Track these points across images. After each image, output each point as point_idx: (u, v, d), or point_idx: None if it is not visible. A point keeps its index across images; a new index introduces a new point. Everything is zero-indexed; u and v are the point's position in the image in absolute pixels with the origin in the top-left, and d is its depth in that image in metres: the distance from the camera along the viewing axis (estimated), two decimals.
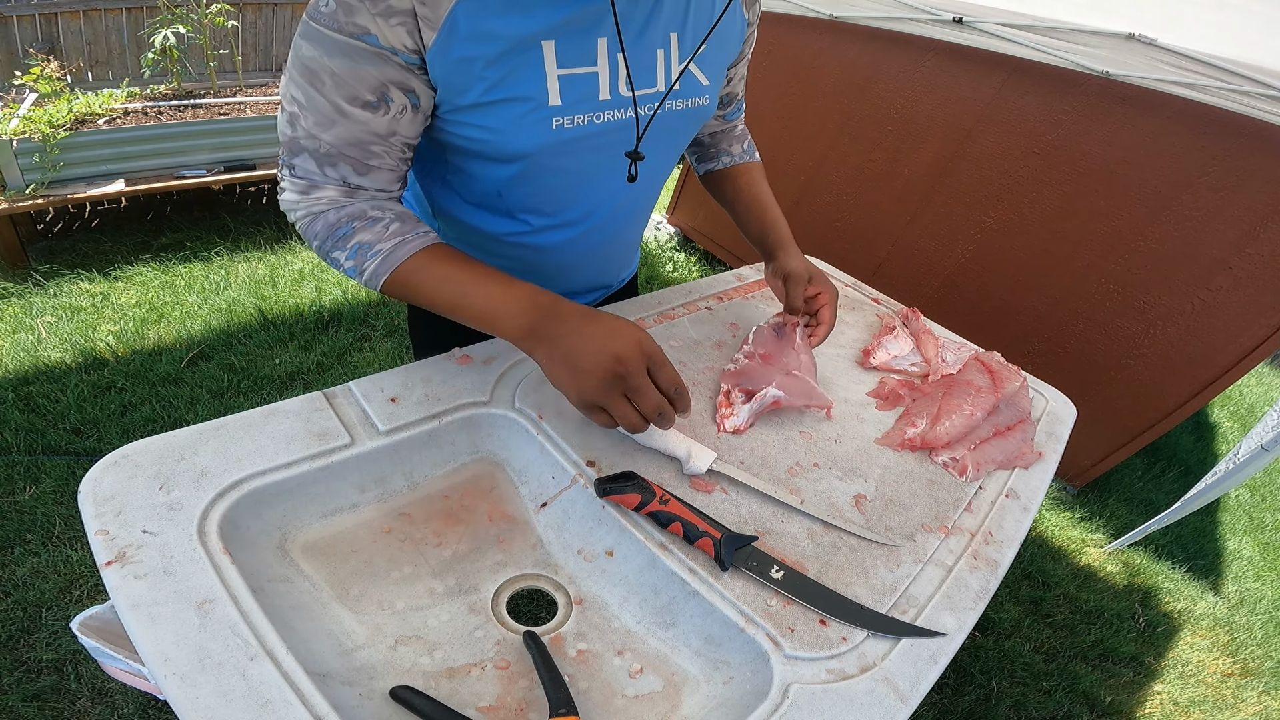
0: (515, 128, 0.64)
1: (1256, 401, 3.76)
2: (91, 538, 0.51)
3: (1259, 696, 1.84)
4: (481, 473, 0.73)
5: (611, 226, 0.85)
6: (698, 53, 0.73)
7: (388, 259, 0.65)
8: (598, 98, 0.67)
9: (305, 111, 0.60)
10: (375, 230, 0.65)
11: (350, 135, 0.61)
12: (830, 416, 0.85)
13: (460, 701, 0.54)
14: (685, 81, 0.74)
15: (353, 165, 0.64)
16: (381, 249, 0.65)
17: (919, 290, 2.49)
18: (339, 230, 0.65)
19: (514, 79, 0.62)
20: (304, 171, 0.64)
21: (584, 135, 0.68)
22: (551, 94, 0.64)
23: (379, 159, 0.64)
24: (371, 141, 0.63)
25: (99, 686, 1.30)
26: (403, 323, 2.49)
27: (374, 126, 0.62)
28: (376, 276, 0.66)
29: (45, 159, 2.36)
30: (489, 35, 0.59)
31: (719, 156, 1.00)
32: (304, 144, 0.62)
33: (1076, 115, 1.99)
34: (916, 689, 0.56)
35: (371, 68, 0.58)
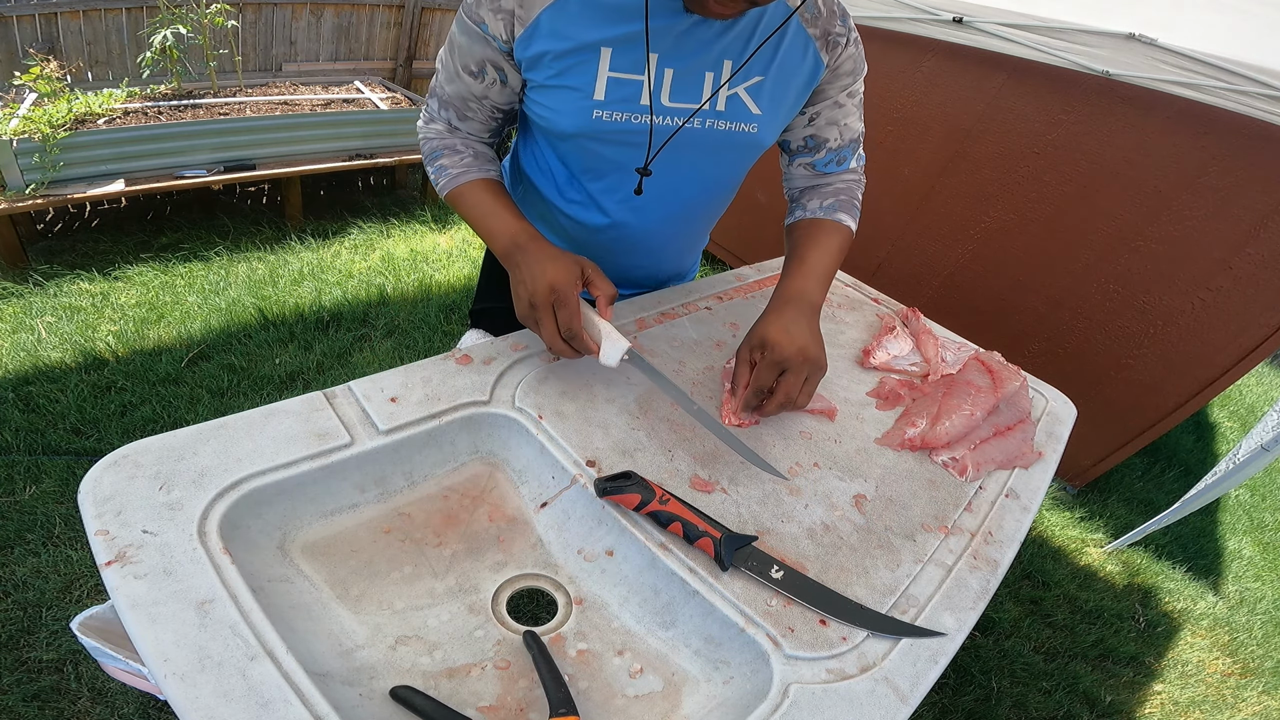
0: (565, 109, 0.79)
1: (1256, 401, 3.76)
2: (91, 538, 0.51)
3: (1259, 696, 1.84)
4: (481, 473, 0.73)
5: (641, 230, 0.94)
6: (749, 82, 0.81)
7: (454, 179, 0.85)
8: (638, 101, 0.78)
9: (443, 68, 0.82)
10: (453, 159, 0.86)
11: (459, 92, 0.83)
12: (833, 419, 0.85)
13: (460, 701, 0.54)
14: (732, 105, 0.81)
15: (456, 113, 0.85)
16: (452, 171, 0.85)
17: (919, 290, 2.49)
18: (436, 153, 0.87)
19: (572, 72, 0.76)
20: (431, 108, 0.87)
21: (621, 130, 0.80)
22: (598, 90, 0.77)
23: (473, 113, 0.85)
24: (470, 99, 0.83)
25: (99, 686, 1.30)
26: (403, 323, 2.49)
27: (473, 89, 0.82)
28: (443, 190, 0.86)
29: (45, 159, 2.35)
30: (562, 35, 0.74)
31: (795, 210, 0.96)
32: (437, 90, 0.85)
33: (1076, 115, 1.99)
34: (916, 689, 0.56)
35: (479, 46, 0.77)
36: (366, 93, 3.38)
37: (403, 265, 2.87)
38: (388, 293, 2.65)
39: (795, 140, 0.92)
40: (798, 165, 0.94)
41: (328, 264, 2.80)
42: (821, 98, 0.86)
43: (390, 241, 3.08)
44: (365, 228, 3.13)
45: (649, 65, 0.76)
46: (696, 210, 0.95)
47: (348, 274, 2.75)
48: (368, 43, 3.89)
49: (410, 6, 3.84)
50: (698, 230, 1.03)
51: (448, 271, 2.90)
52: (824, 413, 0.85)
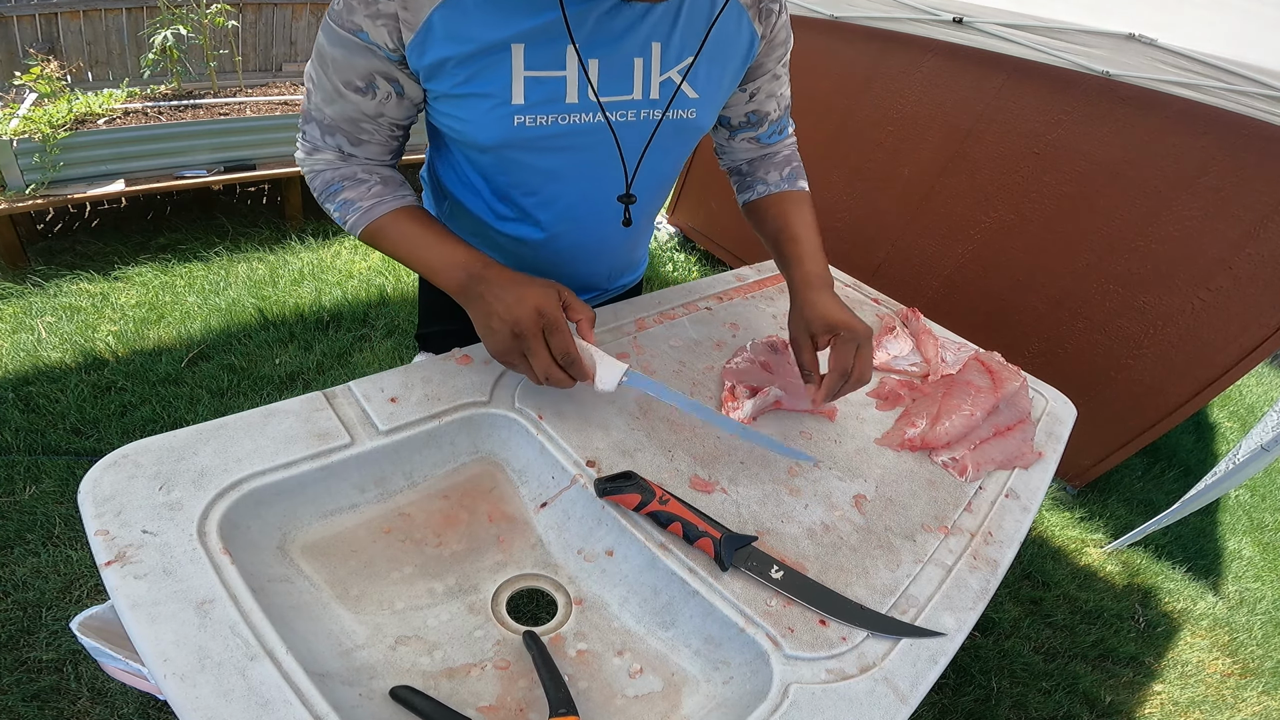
0: (480, 120, 0.70)
1: (1256, 401, 3.76)
2: (91, 538, 0.51)
3: (1259, 696, 1.84)
4: (481, 473, 0.73)
5: (590, 233, 0.86)
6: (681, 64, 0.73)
7: (366, 214, 0.75)
8: (564, 100, 0.70)
9: (316, 88, 0.71)
10: (360, 190, 0.75)
11: (345, 113, 0.71)
12: (833, 419, 0.85)
13: (460, 701, 0.54)
14: (665, 91, 0.74)
15: (347, 137, 0.74)
16: (361, 205, 0.75)
17: (919, 290, 2.49)
18: (331, 187, 0.76)
19: (481, 77, 0.67)
20: (311, 136, 0.75)
21: (548, 134, 0.72)
22: (515, 93, 0.68)
23: (369, 135, 0.74)
24: (362, 119, 0.72)
25: (99, 686, 1.30)
26: (403, 323, 2.49)
27: (364, 108, 0.71)
28: (356, 227, 0.76)
29: (45, 159, 2.35)
30: (462, 37, 0.64)
31: (754, 185, 0.94)
32: (314, 114, 0.73)
33: (1076, 115, 1.99)
34: (916, 689, 0.56)
35: (361, 59, 0.66)
36: None
37: (402, 265, 2.87)
38: (388, 293, 2.65)
39: (736, 117, 0.89)
40: (740, 140, 0.92)
41: (328, 264, 2.80)
42: (760, 71, 0.83)
43: None
44: None
45: (570, 58, 0.68)
46: (647, 212, 0.90)
47: (348, 274, 2.75)
48: None
49: None
50: (642, 226, 0.94)
51: None
52: (824, 413, 0.85)
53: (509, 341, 0.67)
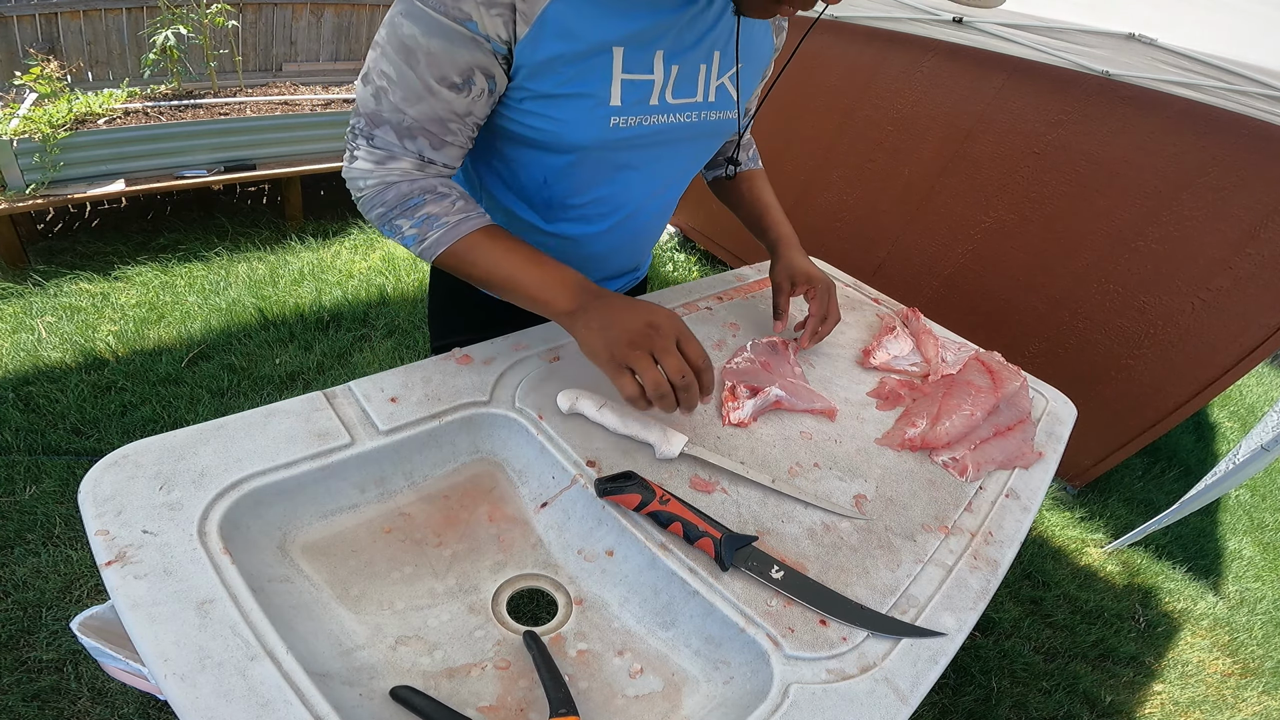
0: (578, 121, 0.70)
1: (1256, 401, 3.77)
2: (92, 538, 0.51)
3: (1259, 696, 1.84)
4: (481, 473, 0.73)
5: (638, 224, 0.90)
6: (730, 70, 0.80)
7: (452, 231, 0.70)
8: (649, 102, 0.73)
9: (394, 86, 0.64)
10: (443, 205, 0.70)
11: (433, 112, 0.66)
12: (833, 419, 0.85)
13: (460, 701, 0.54)
14: (720, 95, 0.80)
15: (429, 140, 0.68)
16: (448, 221, 0.70)
17: (919, 290, 2.49)
18: (410, 200, 0.69)
19: (585, 77, 0.67)
20: (383, 143, 0.68)
21: (635, 135, 0.74)
22: (614, 94, 0.69)
23: (454, 136, 0.69)
24: (450, 119, 0.67)
25: (99, 686, 1.30)
26: (402, 323, 2.49)
27: (455, 106, 0.66)
28: (438, 245, 0.70)
29: (45, 159, 2.35)
30: (572, 35, 0.64)
31: (725, 165, 1.04)
32: (387, 117, 0.66)
33: (1076, 115, 1.99)
34: (916, 689, 0.56)
35: (464, 52, 0.62)
36: None
37: (403, 265, 2.88)
38: (388, 293, 2.65)
39: None
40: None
41: (328, 264, 2.80)
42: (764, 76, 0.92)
43: (390, 241, 3.08)
44: (365, 228, 3.13)
45: (659, 62, 0.71)
46: (675, 200, 0.95)
47: (348, 274, 2.75)
48: (368, 43, 3.89)
49: None
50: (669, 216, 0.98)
51: None
52: (824, 413, 0.85)
53: (638, 339, 0.64)
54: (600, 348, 0.66)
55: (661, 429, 0.73)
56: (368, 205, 0.71)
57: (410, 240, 0.71)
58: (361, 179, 0.70)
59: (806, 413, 0.85)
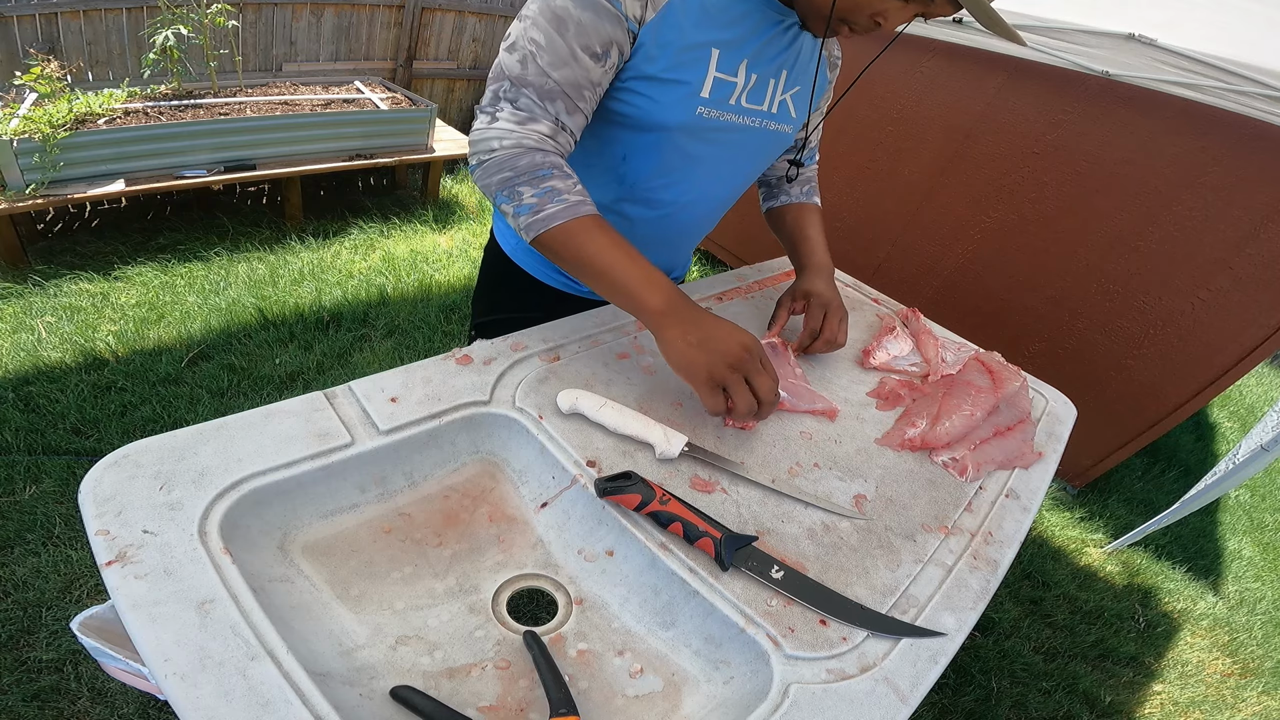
0: (671, 103, 0.78)
1: (1256, 401, 3.77)
2: (92, 538, 0.51)
3: (1259, 696, 1.84)
4: (481, 473, 0.73)
5: (689, 218, 0.96)
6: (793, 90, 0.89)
7: (570, 209, 0.72)
8: (729, 102, 0.82)
9: (542, 51, 0.70)
10: (568, 183, 0.73)
11: (574, 78, 0.72)
12: (834, 419, 0.85)
13: (460, 701, 0.54)
14: (782, 109, 0.89)
15: (566, 105, 0.73)
16: (568, 199, 0.72)
17: (919, 290, 2.49)
18: (541, 170, 0.72)
19: (686, 67, 0.76)
20: (526, 105, 0.73)
21: (713, 128, 0.83)
22: (705, 87, 0.79)
23: (585, 103, 0.75)
24: (586, 86, 0.74)
25: (99, 686, 1.30)
26: (403, 323, 2.49)
27: (592, 75, 0.73)
28: (552, 220, 0.72)
29: (45, 159, 2.35)
30: (684, 30, 0.74)
31: (779, 196, 1.11)
32: (533, 79, 0.71)
33: (1076, 115, 1.99)
34: (916, 689, 0.56)
35: (608, 25, 0.71)
36: (366, 93, 3.38)
37: (403, 265, 2.88)
38: (388, 293, 2.65)
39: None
40: (782, 160, 1.08)
41: (328, 264, 2.80)
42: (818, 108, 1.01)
43: (390, 241, 3.08)
44: (365, 228, 3.13)
45: (743, 69, 0.81)
46: (730, 201, 1.00)
47: (348, 274, 2.75)
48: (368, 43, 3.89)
49: (410, 6, 3.84)
50: (715, 222, 1.05)
51: (448, 271, 2.90)
52: (824, 413, 0.85)
53: (736, 363, 0.70)
54: (700, 366, 0.70)
55: (661, 429, 0.73)
56: (494, 168, 0.73)
57: (525, 209, 0.72)
58: (498, 139, 0.73)
59: (807, 413, 0.85)
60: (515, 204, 0.73)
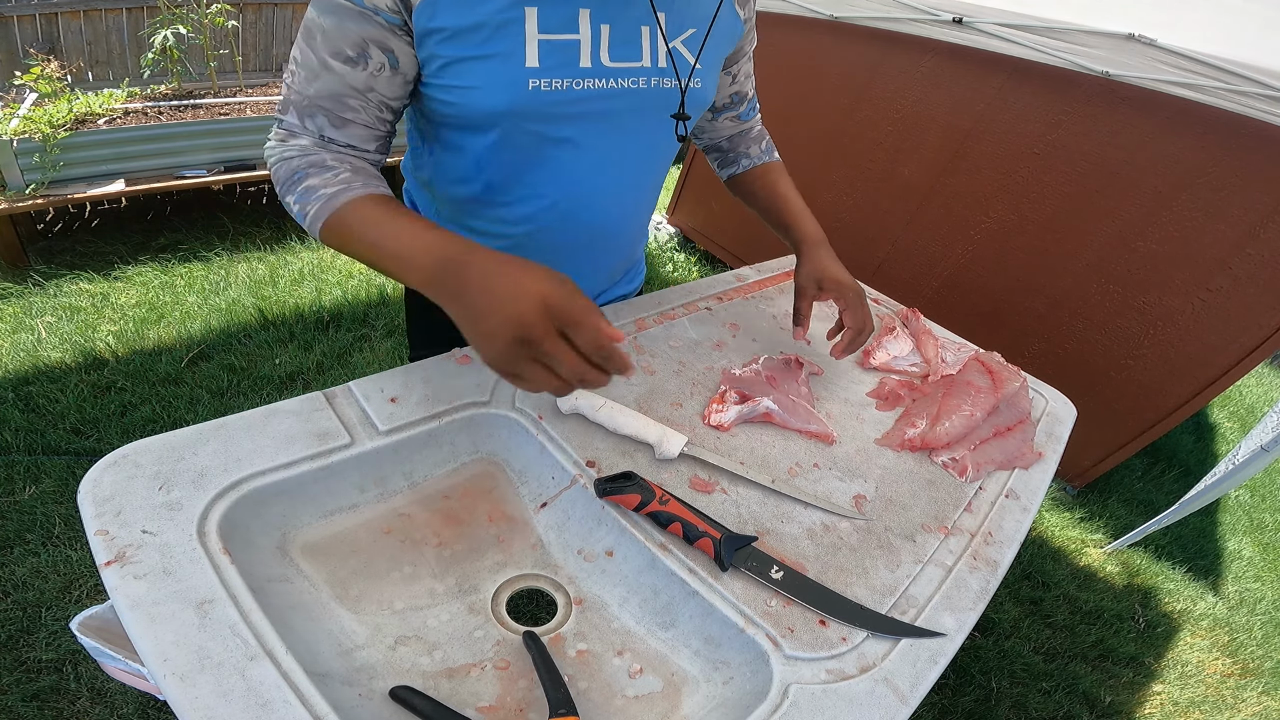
0: (490, 85, 0.66)
1: (1256, 401, 3.76)
2: (91, 538, 0.51)
3: (1259, 696, 1.84)
4: (481, 473, 0.73)
5: (594, 217, 0.82)
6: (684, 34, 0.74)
7: (328, 203, 0.64)
8: (577, 64, 0.68)
9: (299, 68, 0.65)
10: (325, 177, 0.66)
11: (329, 88, 0.65)
12: (830, 443, 0.82)
13: (460, 701, 0.54)
14: (676, 58, 0.75)
15: (328, 117, 0.67)
16: (325, 193, 0.64)
17: (919, 290, 2.49)
18: (296, 174, 0.66)
19: (493, 39, 0.64)
20: (289, 124, 0.68)
21: (562, 100, 0.69)
22: (529, 55, 0.66)
23: (354, 113, 0.67)
24: (348, 95, 0.66)
25: (99, 686, 1.30)
26: (402, 323, 2.49)
27: (352, 80, 0.65)
28: (316, 220, 0.65)
29: (45, 159, 2.35)
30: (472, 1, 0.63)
31: (739, 160, 1.01)
32: (292, 99, 0.67)
33: (1076, 115, 1.99)
34: (916, 689, 0.56)
35: (354, 25, 0.62)
36: None
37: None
38: (388, 293, 2.65)
39: (721, 99, 0.95)
40: (723, 120, 0.98)
41: (328, 264, 2.80)
42: (740, 55, 0.89)
43: None
44: None
45: (583, 20, 0.67)
46: (644, 183, 0.86)
47: (348, 274, 2.75)
48: None
49: None
50: (644, 209, 0.91)
51: None
52: (819, 436, 0.82)
53: (514, 346, 0.53)
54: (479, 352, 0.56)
55: (661, 429, 0.72)
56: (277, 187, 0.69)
57: (299, 216, 0.66)
58: (268, 158, 0.69)
59: (799, 432, 0.81)
60: (294, 214, 0.67)
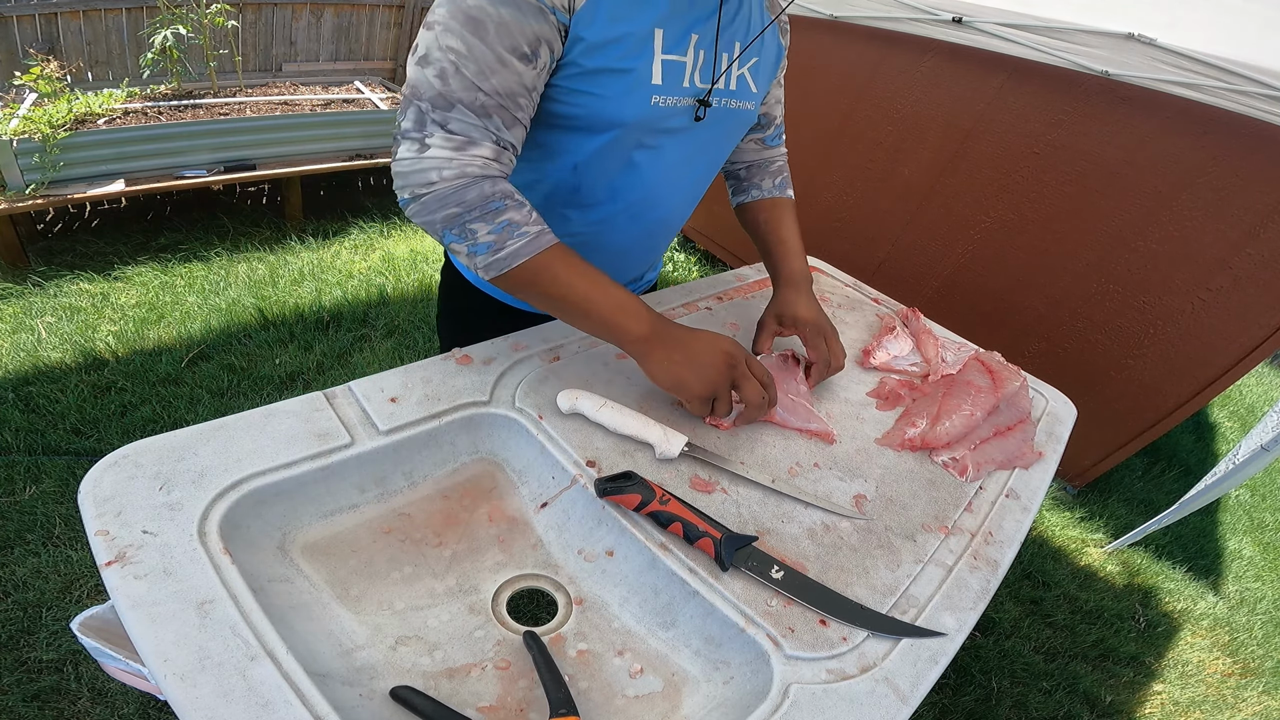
0: (620, 97, 0.70)
1: (1256, 401, 3.77)
2: (91, 538, 0.51)
3: (1259, 696, 1.84)
4: (481, 473, 0.73)
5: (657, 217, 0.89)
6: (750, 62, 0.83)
7: (533, 242, 0.67)
8: (683, 83, 0.75)
9: (465, 61, 0.61)
10: (523, 213, 0.67)
11: (506, 85, 0.63)
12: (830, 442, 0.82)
13: (460, 701, 0.54)
14: (741, 86, 0.83)
15: (503, 118, 0.65)
16: (529, 231, 0.66)
17: (919, 290, 2.49)
18: (493, 203, 0.65)
19: (631, 54, 0.69)
20: (460, 126, 0.63)
21: (669, 115, 0.75)
22: (655, 73, 0.71)
23: (523, 113, 0.67)
24: (520, 94, 0.65)
25: (99, 686, 1.30)
26: (402, 323, 2.49)
27: (525, 79, 0.64)
28: (516, 257, 0.66)
29: (45, 159, 2.35)
30: (619, 13, 0.67)
31: (750, 190, 1.02)
32: (460, 95, 0.62)
33: (1076, 115, 1.99)
34: (917, 689, 0.56)
35: (533, 21, 0.62)
36: (366, 93, 3.38)
37: (403, 265, 2.88)
38: (388, 293, 2.65)
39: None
40: (749, 142, 1.01)
41: (328, 264, 2.80)
42: (775, 80, 0.95)
43: (390, 241, 3.08)
44: (365, 228, 3.13)
45: (692, 46, 0.74)
46: (698, 190, 0.92)
47: (348, 274, 2.75)
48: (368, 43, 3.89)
49: (410, 6, 3.84)
50: (688, 214, 0.97)
51: None
52: (819, 435, 0.82)
53: (725, 372, 0.71)
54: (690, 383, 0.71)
55: (661, 429, 0.73)
56: (436, 204, 0.65)
57: (484, 248, 0.65)
58: (436, 170, 0.63)
59: (799, 431, 0.81)
60: (470, 243, 0.66)
